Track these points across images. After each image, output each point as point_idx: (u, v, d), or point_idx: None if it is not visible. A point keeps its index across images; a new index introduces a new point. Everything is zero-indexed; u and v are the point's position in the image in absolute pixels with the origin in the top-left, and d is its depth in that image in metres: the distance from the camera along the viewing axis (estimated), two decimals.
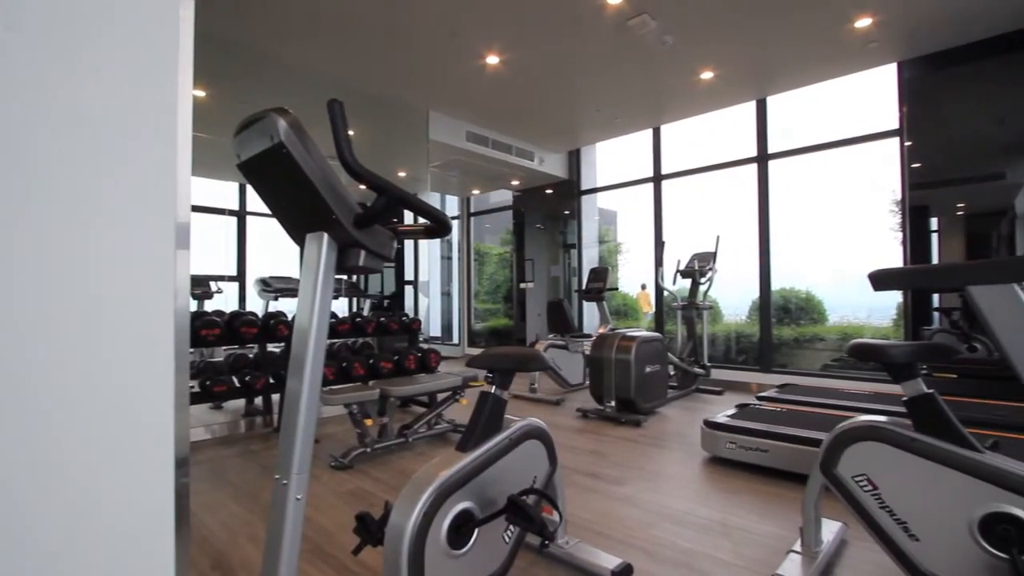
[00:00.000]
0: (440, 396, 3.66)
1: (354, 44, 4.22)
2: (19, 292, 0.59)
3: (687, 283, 5.24)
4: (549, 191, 7.78)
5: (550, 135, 6.66)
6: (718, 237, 5.15)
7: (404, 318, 4.63)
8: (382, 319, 4.41)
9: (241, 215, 5.33)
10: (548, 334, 5.59)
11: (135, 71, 0.68)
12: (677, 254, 5.50)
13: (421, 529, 1.26)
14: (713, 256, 5.13)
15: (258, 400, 4.05)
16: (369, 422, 3.07)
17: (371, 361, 3.96)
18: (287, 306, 4.57)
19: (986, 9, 3.78)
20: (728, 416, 3.08)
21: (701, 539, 2.01)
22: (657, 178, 6.48)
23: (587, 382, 4.74)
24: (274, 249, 5.13)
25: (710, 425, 2.96)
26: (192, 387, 3.55)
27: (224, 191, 5.14)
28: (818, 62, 4.64)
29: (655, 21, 3.84)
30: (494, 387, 1.52)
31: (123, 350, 0.66)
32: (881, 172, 4.93)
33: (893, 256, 4.84)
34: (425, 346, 4.57)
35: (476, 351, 5.44)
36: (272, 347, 4.19)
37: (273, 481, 1.12)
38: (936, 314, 4.83)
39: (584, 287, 5.48)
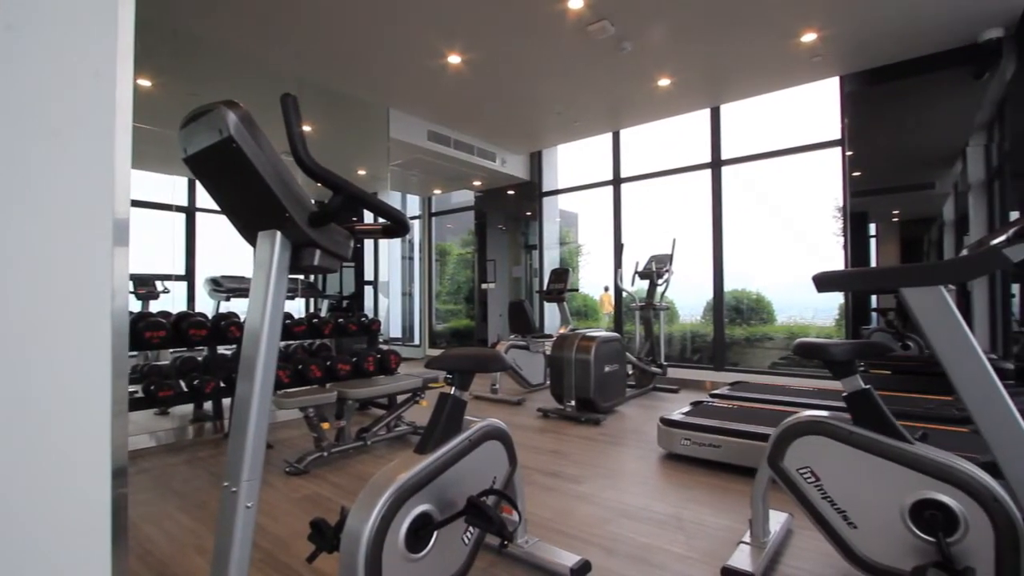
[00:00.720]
0: (400, 398, 3.61)
1: (312, 39, 4.11)
2: None
3: (645, 284, 5.36)
4: (511, 192, 7.81)
5: (512, 136, 6.68)
6: (674, 240, 5.30)
7: (363, 319, 4.54)
8: (340, 320, 4.31)
9: (190, 211, 5.10)
10: (509, 335, 5.60)
11: (70, 56, 0.64)
12: (636, 256, 5.63)
13: (378, 534, 1.24)
14: (670, 258, 5.27)
15: (208, 405, 3.89)
16: (326, 426, 3.00)
17: (328, 363, 3.87)
18: (240, 307, 4.40)
19: (917, 30, 4.04)
20: (683, 414, 3.17)
21: (657, 534, 2.06)
22: (616, 181, 6.61)
23: (548, 382, 4.78)
24: (226, 247, 4.93)
25: (666, 423, 3.04)
26: (135, 392, 3.37)
27: (172, 186, 4.90)
28: (768, 73, 4.85)
29: (614, 27, 3.91)
30: (454, 388, 1.51)
31: (54, 354, 0.62)
32: (826, 180, 5.19)
33: (836, 259, 5.11)
34: (385, 347, 4.50)
35: (437, 352, 5.42)
36: (224, 349, 4.03)
37: (222, 489, 1.07)
38: (874, 314, 5.13)
39: (545, 288, 5.53)
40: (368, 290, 6.06)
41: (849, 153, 4.91)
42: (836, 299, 5.63)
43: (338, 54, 4.38)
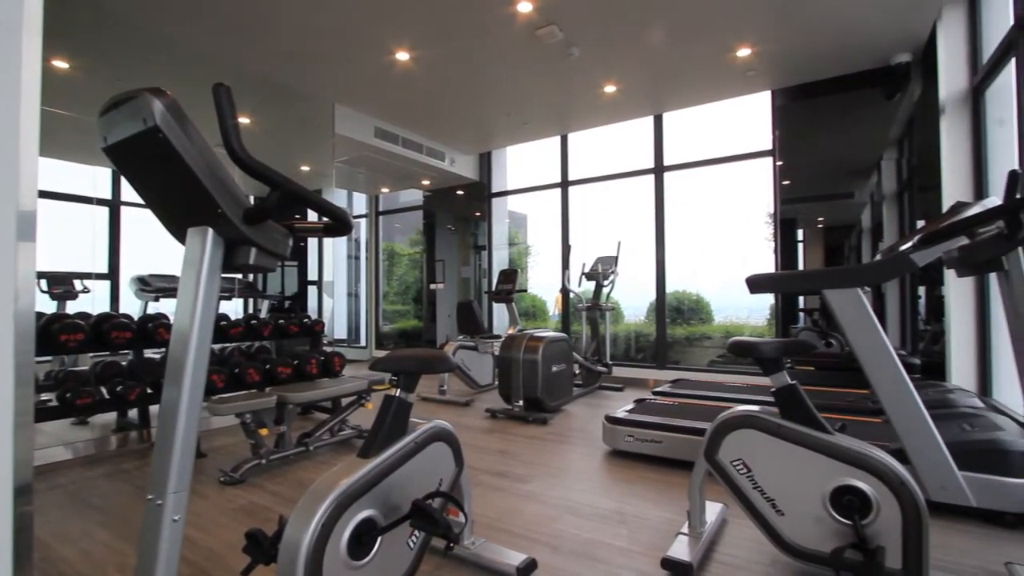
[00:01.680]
0: (344, 401, 3.51)
1: (252, 28, 3.93)
2: None
3: (592, 285, 5.48)
4: (460, 192, 7.77)
5: (461, 136, 6.65)
6: (619, 242, 5.45)
7: (306, 320, 4.38)
8: (281, 321, 4.14)
9: (114, 205, 4.75)
10: (458, 335, 5.57)
11: None
12: (583, 257, 5.74)
13: (319, 542, 1.20)
14: (615, 260, 5.41)
15: (133, 413, 3.63)
16: (264, 432, 2.87)
17: (267, 366, 3.70)
18: (171, 307, 4.14)
19: (838, 51, 4.36)
20: (626, 411, 3.27)
21: (601, 529, 2.11)
22: (564, 184, 6.72)
23: (496, 383, 4.79)
24: (155, 244, 4.62)
25: (610, 420, 3.12)
26: (48, 400, 3.09)
27: (94, 178, 4.54)
28: (707, 85, 5.07)
29: (563, 33, 3.98)
30: (398, 390, 1.48)
31: None
32: (759, 187, 5.50)
33: (768, 262, 5.42)
34: (329, 349, 4.36)
35: (384, 354, 5.31)
36: (152, 353, 3.78)
37: (146, 502, 1.00)
38: (801, 314, 5.48)
39: (494, 289, 5.54)
40: (312, 290, 5.86)
41: (779, 163, 5.23)
42: (768, 300, 5.96)
43: (281, 45, 4.21)
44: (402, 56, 4.37)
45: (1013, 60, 2.87)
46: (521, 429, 3.81)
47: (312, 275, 5.86)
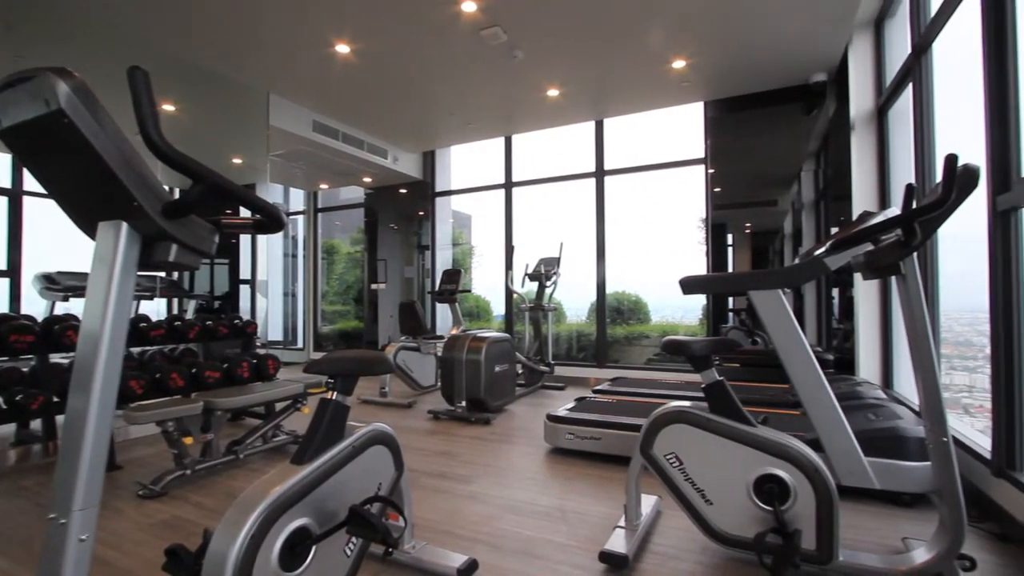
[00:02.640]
0: (279, 406, 3.36)
1: (180, 8, 3.67)
2: None
3: (535, 286, 5.55)
4: (403, 191, 7.63)
5: (405, 134, 6.54)
6: (561, 244, 5.55)
7: (237, 321, 4.16)
8: (209, 322, 3.90)
9: (14, 195, 4.32)
10: (400, 336, 5.47)
11: None
12: (526, 258, 5.80)
13: (247, 554, 1.14)
14: (557, 261, 5.51)
15: (36, 424, 3.30)
16: (189, 440, 2.69)
17: (193, 370, 3.48)
18: (82, 308, 3.80)
19: (763, 68, 4.65)
20: (567, 410, 3.33)
21: (541, 526, 2.14)
22: (508, 185, 6.76)
23: (439, 384, 4.74)
24: (64, 238, 4.23)
25: (551, 419, 3.17)
26: None
27: None
28: (645, 93, 5.26)
29: (507, 35, 4.00)
30: (335, 393, 1.44)
31: None
32: (693, 193, 5.76)
33: (700, 264, 5.70)
34: (262, 352, 4.16)
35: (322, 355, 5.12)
36: (59, 358, 3.45)
37: (47, 522, 0.92)
38: (731, 314, 5.79)
39: (437, 289, 5.49)
40: (245, 289, 5.56)
41: (711, 171, 5.51)
42: (701, 300, 6.26)
43: (212, 28, 3.97)
44: (342, 49, 4.24)
45: (911, 84, 3.17)
46: (464, 430, 3.80)
47: (245, 274, 5.56)
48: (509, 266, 6.33)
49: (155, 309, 4.96)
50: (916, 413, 2.65)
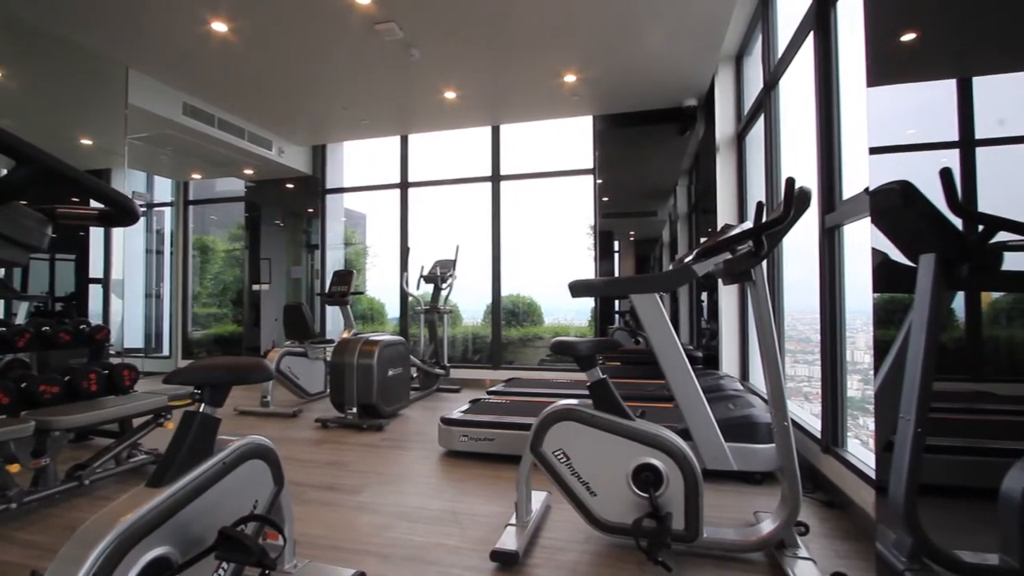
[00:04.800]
0: (137, 422, 2.97)
1: None
2: None
3: (430, 288, 5.49)
4: (290, 185, 7.15)
5: (293, 125, 6.13)
6: (458, 246, 5.56)
7: (84, 327, 3.60)
8: (46, 328, 3.34)
9: None
10: (285, 341, 5.12)
11: None
12: (422, 260, 5.72)
13: None
14: (453, 263, 5.51)
15: None
16: (14, 468, 2.28)
17: (23, 384, 2.95)
18: None
19: (643, 89, 5.05)
20: (462, 412, 3.34)
21: (433, 531, 2.12)
22: (404, 185, 6.62)
23: (328, 390, 4.51)
24: None
25: (445, 422, 3.16)
26: None
27: None
28: (538, 103, 5.45)
29: (403, 32, 3.92)
30: (203, 404, 1.31)
31: None
32: (583, 201, 6.07)
33: (589, 269, 6.02)
34: (117, 361, 3.64)
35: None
36: None
37: None
38: (617, 315, 6.19)
39: (327, 290, 5.21)
40: (96, 290, 4.84)
41: (599, 181, 5.86)
42: (591, 302, 6.62)
43: None
44: (219, 27, 3.87)
45: (763, 115, 3.64)
46: (355, 437, 3.65)
47: (97, 272, 4.84)
48: (404, 268, 6.21)
49: None
50: (766, 402, 3.04)
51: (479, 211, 6.26)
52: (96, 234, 4.80)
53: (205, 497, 1.28)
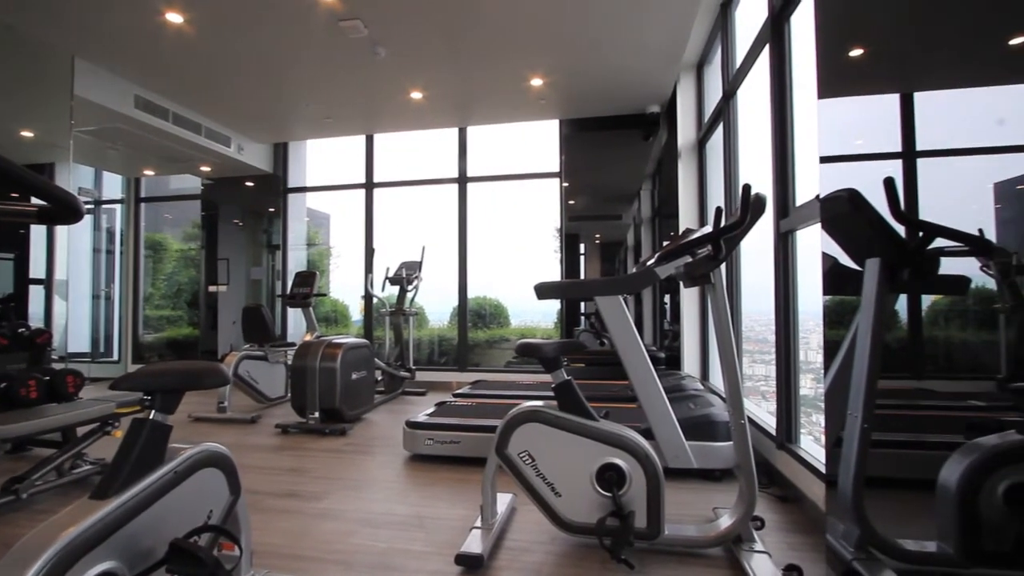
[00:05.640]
0: (81, 430, 2.82)
1: None
2: None
3: (396, 290, 5.42)
4: (250, 184, 6.93)
5: (253, 122, 5.95)
6: (424, 248, 5.51)
7: (22, 330, 3.39)
8: None
9: None
10: (244, 344, 4.95)
11: None
12: (387, 262, 5.65)
13: None
14: (419, 265, 5.45)
15: None
16: None
17: None
18: None
19: (609, 95, 5.14)
20: (427, 415, 3.31)
21: (397, 536, 2.09)
22: (369, 185, 6.52)
23: (289, 395, 4.39)
24: None
25: (411, 425, 3.12)
26: None
27: None
28: (506, 106, 5.47)
29: (368, 29, 3.87)
30: (152, 411, 1.25)
31: None
32: (550, 204, 6.12)
33: (555, 271, 6.07)
34: (60, 366, 3.45)
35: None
36: None
37: None
38: (583, 317, 6.26)
39: (289, 292, 5.08)
40: (38, 291, 4.56)
41: (565, 184, 5.92)
42: (557, 304, 6.67)
43: None
44: (175, 18, 3.72)
45: (722, 123, 3.75)
46: (317, 443, 3.56)
47: (38, 272, 4.57)
48: (369, 269, 6.12)
49: None
50: (724, 401, 3.13)
51: (446, 213, 6.23)
52: (38, 232, 4.52)
53: (155, 508, 1.22)
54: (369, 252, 6.35)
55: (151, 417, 1.25)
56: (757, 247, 3.07)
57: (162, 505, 1.24)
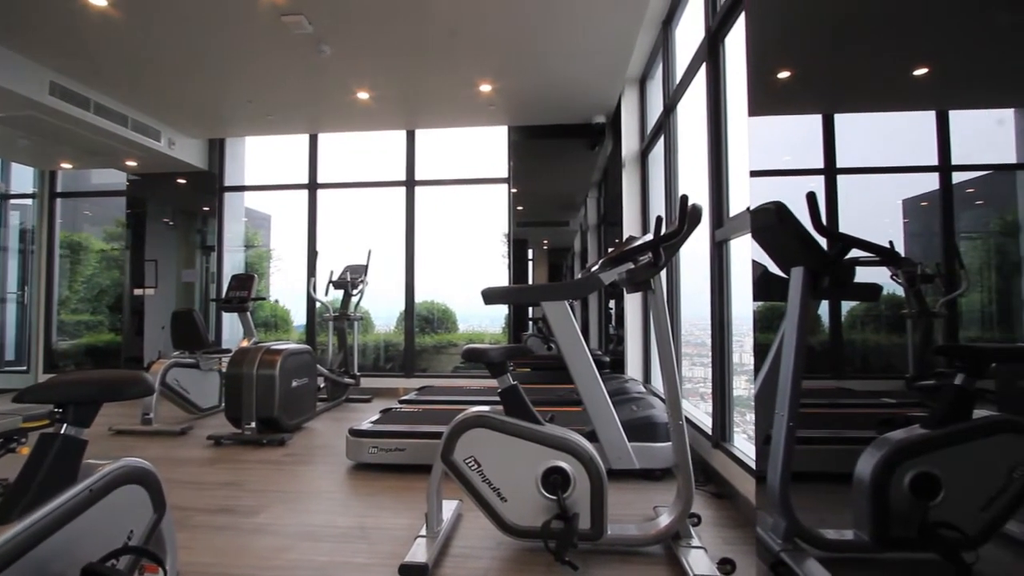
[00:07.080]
0: None
1: None
2: None
3: (340, 294, 5.27)
4: (182, 181, 6.55)
5: (186, 116, 5.62)
6: (369, 251, 5.39)
7: None
8: None
9: None
10: (173, 351, 4.65)
11: None
12: (332, 265, 5.48)
13: None
14: (365, 269, 5.33)
15: None
16: None
17: None
18: None
19: (555, 104, 5.23)
20: (371, 422, 3.23)
21: (339, 549, 2.03)
22: (312, 186, 6.32)
23: (223, 404, 4.15)
24: None
25: (354, 433, 3.03)
26: None
27: None
28: (455, 110, 5.45)
29: (312, 26, 3.75)
30: (64, 425, 1.15)
31: None
32: (498, 209, 6.15)
33: (504, 276, 6.10)
34: None
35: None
36: None
37: None
38: (531, 322, 6.31)
39: (224, 296, 4.82)
40: None
41: (514, 190, 5.97)
42: (504, 310, 6.70)
43: None
44: (98, 0, 3.47)
45: (663, 136, 3.91)
46: (253, 454, 3.39)
47: None
48: (312, 273, 5.91)
49: None
50: (664, 403, 3.24)
51: (393, 216, 6.12)
52: None
53: (66, 530, 1.12)
54: (312, 255, 6.14)
55: (62, 431, 1.15)
56: (695, 255, 3.21)
57: (75, 527, 1.14)
